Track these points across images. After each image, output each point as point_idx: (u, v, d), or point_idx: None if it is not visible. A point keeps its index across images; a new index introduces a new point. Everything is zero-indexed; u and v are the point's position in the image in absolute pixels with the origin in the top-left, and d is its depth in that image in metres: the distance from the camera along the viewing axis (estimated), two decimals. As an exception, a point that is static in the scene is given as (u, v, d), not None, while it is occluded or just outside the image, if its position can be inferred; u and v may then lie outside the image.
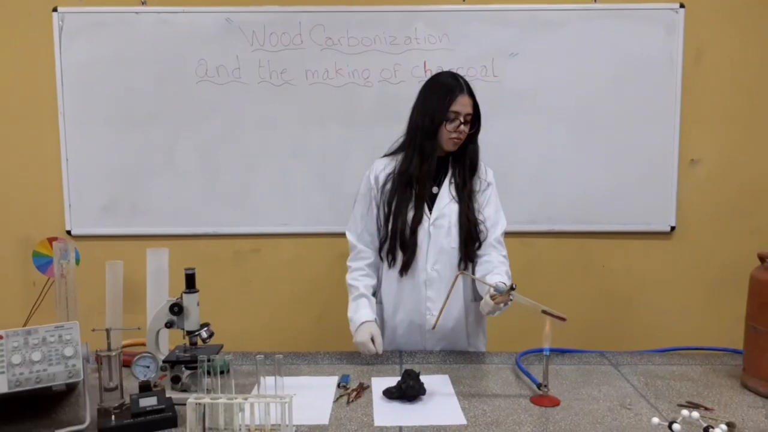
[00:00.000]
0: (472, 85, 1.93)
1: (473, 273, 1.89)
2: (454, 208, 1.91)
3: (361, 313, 1.87)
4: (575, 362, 1.90)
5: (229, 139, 2.85)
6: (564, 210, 2.90)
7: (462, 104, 1.86)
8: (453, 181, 1.94)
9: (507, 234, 2.06)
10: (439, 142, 1.89)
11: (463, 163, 1.92)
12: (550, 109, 2.85)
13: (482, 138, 2.01)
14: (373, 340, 1.84)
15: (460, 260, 1.92)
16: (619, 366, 1.88)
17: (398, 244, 1.90)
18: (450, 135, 1.86)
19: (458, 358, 1.95)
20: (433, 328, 1.83)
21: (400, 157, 1.93)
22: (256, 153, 2.86)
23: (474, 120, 1.88)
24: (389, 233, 1.90)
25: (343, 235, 2.12)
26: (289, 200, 2.89)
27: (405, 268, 1.90)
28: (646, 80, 2.83)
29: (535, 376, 1.73)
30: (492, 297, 1.66)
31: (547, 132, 2.86)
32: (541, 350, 1.57)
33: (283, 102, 2.83)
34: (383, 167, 1.97)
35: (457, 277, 1.72)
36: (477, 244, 1.93)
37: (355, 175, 2.21)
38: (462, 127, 1.85)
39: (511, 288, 1.58)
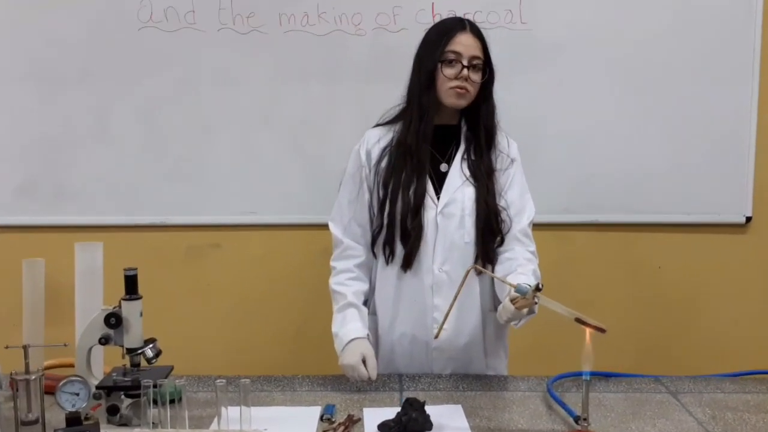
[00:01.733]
0: (491, 33, 1.96)
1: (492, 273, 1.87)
2: (469, 192, 1.92)
3: (348, 327, 1.88)
4: (623, 389, 1.92)
5: (180, 102, 2.85)
6: (608, 196, 2.90)
7: (463, 44, 1.88)
8: (466, 157, 1.94)
9: (536, 225, 2.06)
10: (438, 95, 1.90)
11: (478, 133, 1.93)
12: (591, 66, 2.85)
13: (504, 102, 2.02)
14: (364, 362, 1.85)
15: (477, 258, 1.93)
16: (679, 394, 1.90)
17: (397, 233, 1.90)
18: (449, 83, 1.88)
19: (473, 383, 1.96)
20: (436, 337, 1.80)
21: (398, 126, 1.95)
22: (215, 119, 2.86)
23: (484, 67, 1.91)
24: (385, 223, 1.91)
25: (326, 226, 2.12)
26: (258, 180, 2.89)
27: (407, 264, 1.91)
28: (716, 30, 2.84)
29: (571, 407, 1.73)
30: (512, 300, 1.64)
31: (587, 95, 2.86)
32: (579, 374, 1.53)
33: (250, 54, 2.83)
34: (377, 139, 1.97)
35: (468, 271, 1.66)
36: (498, 239, 1.93)
37: (342, 149, 2.20)
38: (465, 72, 1.87)
39: (537, 289, 1.56)
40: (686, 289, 2.99)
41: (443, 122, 1.94)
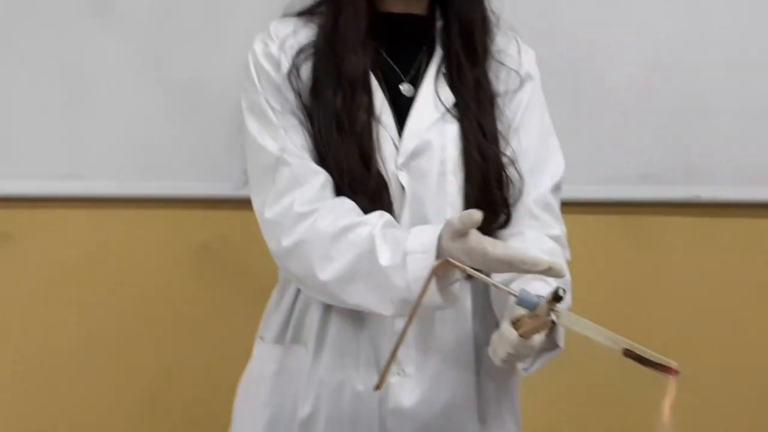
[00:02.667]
0: None
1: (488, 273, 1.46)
2: (451, 132, 1.58)
3: (417, 231, 1.49)
4: None
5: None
6: (723, 155, 2.37)
7: None
8: (446, 72, 1.61)
9: (586, 203, 2.12)
10: None
11: (464, 30, 1.61)
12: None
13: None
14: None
15: None
16: None
17: (345, 191, 1.57)
18: None
19: None
20: (377, 387, 1.43)
21: (320, 20, 1.64)
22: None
23: None
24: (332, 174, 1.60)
25: (206, 203, 2.10)
26: (77, 119, 2.36)
27: None
28: None
29: None
30: (515, 322, 1.34)
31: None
32: None
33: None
34: (292, 30, 1.62)
35: (433, 271, 1.35)
36: (503, 213, 1.57)
37: (236, 66, 1.73)
38: None
39: (556, 298, 1.25)
40: None
41: (402, 10, 1.61)
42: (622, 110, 2.36)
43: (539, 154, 1.59)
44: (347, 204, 1.53)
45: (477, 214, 1.35)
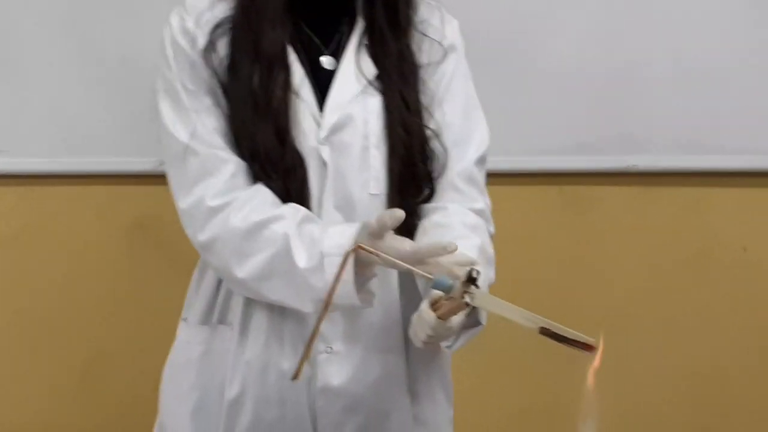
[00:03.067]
0: None
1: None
2: (373, 105, 1.56)
3: (333, 229, 1.49)
4: None
5: None
6: (661, 122, 2.34)
7: None
8: (368, 43, 1.58)
9: (523, 174, 2.13)
10: None
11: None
12: None
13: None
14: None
15: None
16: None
17: (258, 173, 1.54)
18: None
19: None
20: (294, 377, 1.39)
21: None
22: None
23: None
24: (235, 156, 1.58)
25: (140, 179, 2.10)
26: (2, 95, 2.34)
27: None
28: None
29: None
30: (433, 303, 1.35)
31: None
32: None
33: None
34: (208, 4, 1.57)
35: (346, 256, 1.34)
36: (427, 187, 1.57)
37: (157, 32, 1.66)
38: None
39: (470, 279, 1.27)
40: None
41: None
42: (556, 80, 2.36)
43: (463, 126, 1.58)
44: (261, 195, 1.52)
45: (396, 215, 1.36)
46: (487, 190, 1.62)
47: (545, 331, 1.21)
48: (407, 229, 1.50)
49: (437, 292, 1.32)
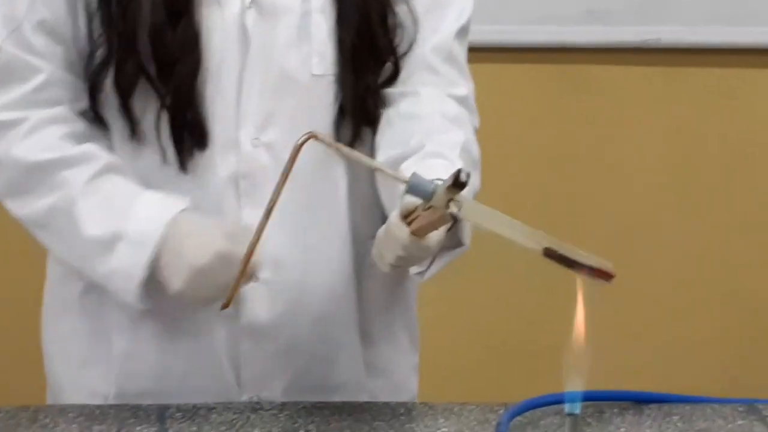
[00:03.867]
0: None
1: (372, 149, 1.35)
2: None
3: (142, 202, 1.33)
4: (676, 417, 1.44)
5: None
6: None
7: None
8: None
9: (508, 50, 2.06)
10: None
11: None
12: None
13: None
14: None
15: (338, 114, 1.36)
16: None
17: (150, 66, 1.32)
18: None
19: (336, 414, 1.41)
20: (225, 306, 1.25)
21: None
22: None
23: None
24: (115, 44, 1.32)
25: None
26: None
27: (178, 137, 1.34)
28: None
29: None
30: (407, 215, 1.15)
31: None
32: (558, 399, 1.11)
33: None
34: None
35: (299, 145, 1.13)
36: (391, 67, 1.36)
37: None
38: None
39: (458, 183, 1.05)
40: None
41: None
42: None
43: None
44: (65, 127, 1.34)
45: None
46: (470, 70, 1.38)
47: (551, 253, 1.03)
48: (367, 120, 1.34)
49: (412, 200, 1.13)
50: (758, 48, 2.23)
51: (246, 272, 1.22)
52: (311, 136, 1.16)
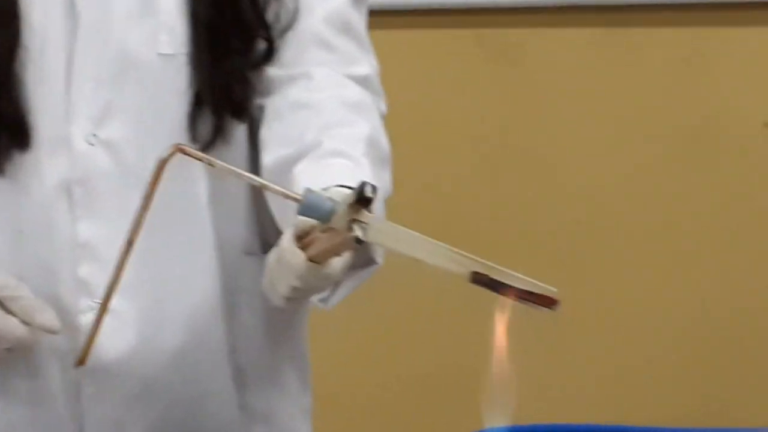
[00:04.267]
0: None
1: (246, 147, 1.22)
2: None
3: None
4: None
5: None
6: None
7: None
8: None
9: (426, 13, 1.97)
10: None
11: None
12: None
13: None
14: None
15: (194, 112, 1.20)
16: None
17: None
18: None
19: None
20: (79, 363, 1.12)
21: None
22: None
23: None
24: None
25: None
26: None
27: (0, 149, 1.22)
28: None
29: None
30: (301, 237, 1.05)
31: None
32: None
33: None
34: None
35: (165, 160, 1.03)
36: (263, 44, 1.23)
37: None
38: None
39: (362, 199, 0.96)
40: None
41: None
42: None
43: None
44: None
45: None
46: (371, 42, 1.23)
47: (479, 278, 0.95)
48: (232, 111, 1.19)
49: (306, 220, 1.05)
50: (721, 2, 2.01)
51: (102, 317, 1.07)
52: (178, 149, 1.05)
